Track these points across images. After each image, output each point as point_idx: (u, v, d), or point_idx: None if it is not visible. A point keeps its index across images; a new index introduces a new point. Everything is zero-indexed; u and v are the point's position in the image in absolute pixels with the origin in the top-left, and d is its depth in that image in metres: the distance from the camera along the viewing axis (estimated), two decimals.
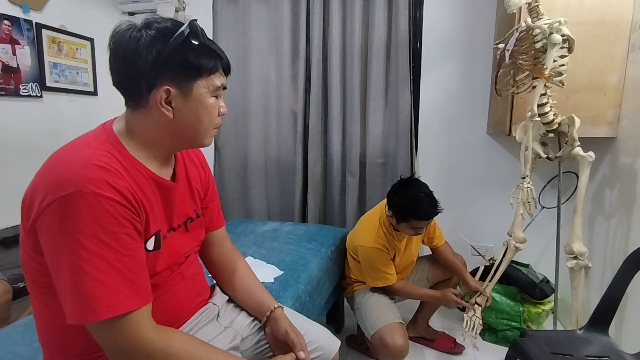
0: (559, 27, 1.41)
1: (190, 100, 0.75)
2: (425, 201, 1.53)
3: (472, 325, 1.69)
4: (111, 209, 0.66)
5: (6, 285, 1.44)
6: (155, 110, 0.74)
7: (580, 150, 1.54)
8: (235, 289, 1.04)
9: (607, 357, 1.19)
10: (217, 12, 2.47)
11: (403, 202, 1.55)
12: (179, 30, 0.72)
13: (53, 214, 0.64)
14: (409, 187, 1.59)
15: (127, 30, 0.72)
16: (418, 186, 1.59)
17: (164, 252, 0.81)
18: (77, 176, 0.65)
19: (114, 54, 0.73)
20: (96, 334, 0.68)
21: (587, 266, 1.55)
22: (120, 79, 0.75)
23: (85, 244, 0.64)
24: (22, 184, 0.76)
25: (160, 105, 0.73)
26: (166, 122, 0.76)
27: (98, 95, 2.52)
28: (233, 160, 2.59)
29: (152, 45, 0.71)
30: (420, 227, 1.59)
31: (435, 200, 1.56)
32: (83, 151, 0.70)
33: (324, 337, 1.06)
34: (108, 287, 0.65)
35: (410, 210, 1.54)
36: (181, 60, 0.73)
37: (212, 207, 1.00)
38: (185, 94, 0.75)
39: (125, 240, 0.68)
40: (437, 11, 2.24)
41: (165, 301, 0.83)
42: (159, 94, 0.73)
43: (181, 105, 0.75)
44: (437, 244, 1.85)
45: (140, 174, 0.75)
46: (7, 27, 1.98)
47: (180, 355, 0.73)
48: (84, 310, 0.64)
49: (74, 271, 0.64)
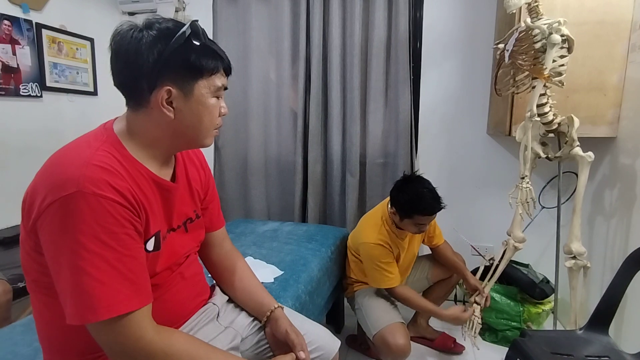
0: (558, 28, 1.41)
1: (191, 100, 0.76)
2: (428, 196, 1.54)
3: (472, 325, 1.69)
4: (111, 210, 0.66)
5: (6, 286, 1.44)
6: (156, 110, 0.74)
7: (580, 151, 1.54)
8: (235, 289, 1.04)
9: (607, 357, 1.19)
10: (217, 12, 2.47)
11: (407, 198, 1.55)
12: (181, 31, 0.72)
13: (54, 214, 0.64)
14: (412, 184, 1.59)
15: (128, 31, 0.72)
16: (421, 182, 1.60)
17: (164, 253, 0.81)
18: (78, 176, 0.65)
19: (115, 55, 0.73)
20: (96, 334, 0.68)
21: (585, 266, 1.55)
22: (121, 79, 0.75)
23: (85, 244, 0.64)
24: (22, 184, 0.76)
25: (162, 106, 0.73)
26: (167, 123, 0.76)
27: (98, 95, 2.52)
28: (233, 160, 2.59)
29: (153, 45, 0.71)
30: (424, 223, 1.58)
31: (438, 196, 1.56)
32: (84, 151, 0.70)
33: (324, 337, 1.06)
34: (108, 288, 0.66)
35: (414, 206, 1.54)
36: (182, 60, 0.73)
37: (212, 207, 1.00)
38: (186, 95, 0.75)
39: (125, 240, 0.68)
40: (437, 11, 2.24)
41: (165, 301, 0.83)
42: (160, 94, 0.73)
43: (182, 106, 0.75)
44: (437, 243, 1.85)
45: (141, 175, 0.75)
46: (7, 27, 1.98)
47: (180, 356, 0.73)
48: (85, 310, 0.64)
49: (74, 271, 0.64)
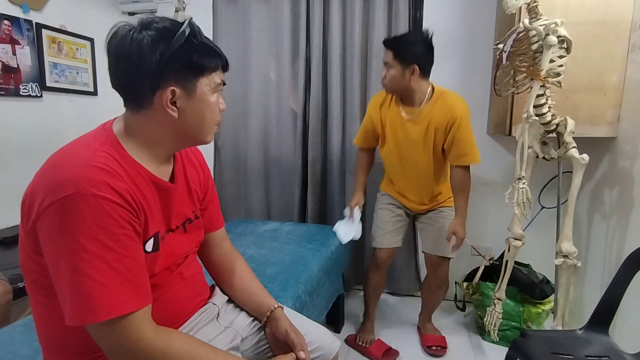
0: (555, 29, 1.41)
1: (194, 99, 0.76)
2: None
3: (493, 320, 1.74)
4: (111, 211, 0.66)
5: (7, 286, 1.44)
6: (160, 111, 0.74)
7: (575, 152, 1.54)
8: (235, 289, 1.04)
9: (607, 357, 1.19)
10: (217, 12, 2.47)
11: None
12: (180, 30, 0.72)
13: (53, 215, 0.64)
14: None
15: (128, 32, 0.72)
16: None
17: (162, 254, 0.81)
18: (77, 177, 0.65)
19: (115, 57, 0.73)
20: (96, 335, 0.68)
21: (575, 265, 1.56)
22: (122, 82, 0.74)
23: (85, 245, 0.64)
24: (22, 184, 0.76)
25: (167, 106, 0.74)
26: (170, 122, 0.76)
27: (98, 95, 2.53)
28: (233, 160, 2.59)
29: (155, 46, 0.70)
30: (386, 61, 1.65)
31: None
32: (83, 152, 0.70)
33: (324, 337, 1.06)
34: (108, 289, 0.65)
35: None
36: (184, 60, 0.73)
37: (211, 208, 1.00)
38: (189, 93, 0.75)
39: (125, 241, 0.68)
40: (437, 11, 2.24)
41: (164, 301, 0.83)
42: (165, 95, 0.73)
43: (186, 105, 0.75)
44: (456, 163, 1.70)
45: (140, 176, 0.75)
46: (7, 27, 1.98)
47: (180, 356, 0.73)
48: (84, 311, 0.64)
49: (74, 272, 0.64)
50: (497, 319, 1.74)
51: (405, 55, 1.61)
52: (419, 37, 1.65)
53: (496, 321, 1.74)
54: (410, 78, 1.63)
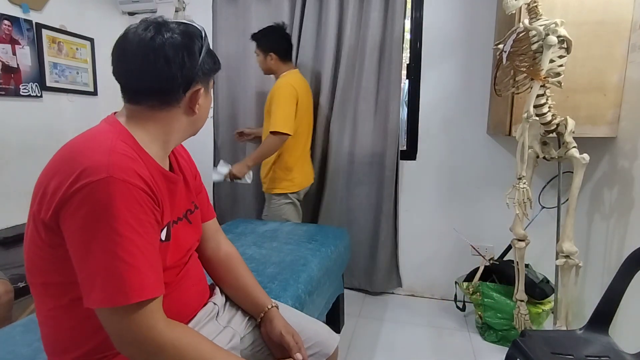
0: (554, 29, 1.41)
1: (207, 96, 0.84)
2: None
3: (522, 323, 1.76)
4: (139, 197, 0.68)
5: (8, 285, 1.44)
6: (184, 108, 0.79)
7: (576, 152, 1.54)
8: (231, 287, 1.04)
9: (607, 357, 1.19)
10: (217, 12, 2.47)
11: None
12: (203, 32, 0.79)
13: (83, 198, 0.64)
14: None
15: (157, 34, 0.73)
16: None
17: (172, 244, 0.81)
18: (107, 162, 0.66)
19: (144, 59, 0.73)
20: (108, 320, 0.67)
21: (577, 265, 1.56)
22: (154, 81, 0.74)
23: (117, 228, 0.64)
24: (22, 184, 0.76)
25: (194, 104, 0.79)
26: (188, 118, 0.81)
27: (98, 95, 2.52)
28: (233, 159, 2.58)
29: (189, 47, 0.75)
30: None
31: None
32: (104, 141, 0.70)
33: (321, 333, 1.06)
34: (140, 272, 0.66)
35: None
36: (210, 60, 0.80)
37: (201, 197, 1.01)
38: (206, 91, 0.83)
39: (148, 228, 0.69)
40: (437, 11, 2.24)
41: (173, 299, 0.83)
42: (198, 94, 0.79)
43: (202, 102, 0.82)
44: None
45: (152, 166, 0.77)
46: (7, 27, 1.98)
47: (188, 349, 0.72)
48: (116, 293, 0.64)
49: (107, 255, 0.64)
50: (525, 321, 1.75)
51: (264, 45, 2.03)
52: (273, 30, 2.03)
53: (525, 323, 1.75)
54: (271, 63, 2.04)
